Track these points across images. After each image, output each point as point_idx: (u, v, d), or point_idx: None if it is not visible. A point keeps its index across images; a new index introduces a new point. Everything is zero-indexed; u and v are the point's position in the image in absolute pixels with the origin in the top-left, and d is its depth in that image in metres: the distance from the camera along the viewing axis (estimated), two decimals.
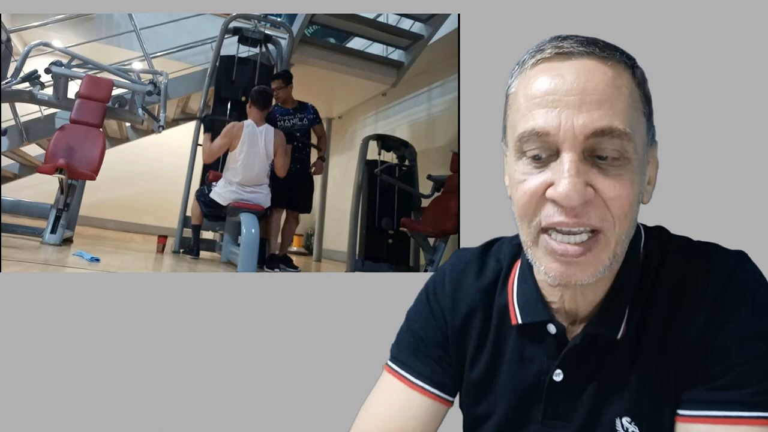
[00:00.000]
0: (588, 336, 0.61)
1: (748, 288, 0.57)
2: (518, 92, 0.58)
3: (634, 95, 0.56)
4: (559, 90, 0.54)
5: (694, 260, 0.60)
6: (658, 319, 0.59)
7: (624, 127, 0.53)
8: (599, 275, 0.56)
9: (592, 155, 0.54)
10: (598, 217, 0.53)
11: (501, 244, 0.74)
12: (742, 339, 0.55)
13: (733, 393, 0.54)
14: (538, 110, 0.54)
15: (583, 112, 0.53)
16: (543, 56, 0.57)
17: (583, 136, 0.52)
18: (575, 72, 0.54)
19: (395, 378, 0.73)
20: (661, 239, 0.64)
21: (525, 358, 0.66)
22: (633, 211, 0.55)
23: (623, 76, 0.55)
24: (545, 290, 0.64)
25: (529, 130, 0.54)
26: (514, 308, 0.67)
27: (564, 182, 0.52)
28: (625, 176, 0.54)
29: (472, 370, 0.70)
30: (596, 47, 0.56)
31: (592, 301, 0.61)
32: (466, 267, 0.73)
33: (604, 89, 0.54)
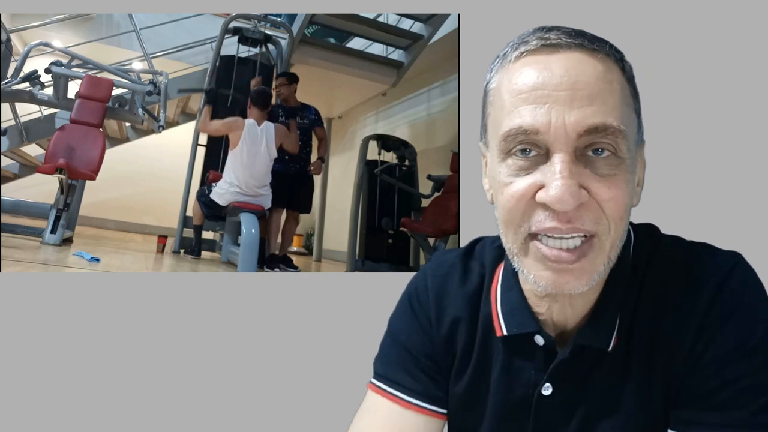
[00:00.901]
0: (577, 348, 0.57)
1: (742, 296, 0.53)
2: (501, 87, 0.53)
3: (624, 91, 0.52)
4: (548, 84, 0.50)
5: (684, 264, 0.56)
6: (645, 329, 0.56)
7: (618, 124, 0.49)
8: (592, 283, 0.52)
9: (583, 154, 0.50)
10: (592, 221, 0.50)
11: (483, 245, 0.69)
12: (736, 354, 0.51)
13: (731, 414, 0.50)
14: (525, 106, 0.50)
15: (575, 108, 0.49)
16: (528, 48, 0.52)
17: (575, 134, 0.49)
18: (564, 65, 0.50)
19: (385, 398, 0.66)
20: (650, 239, 0.59)
21: (512, 370, 0.61)
22: (627, 213, 0.52)
23: (613, 70, 0.52)
24: (531, 300, 0.60)
25: (515, 127, 0.50)
26: (499, 319, 0.62)
27: (556, 184, 0.48)
28: (620, 176, 0.50)
29: (458, 383, 0.65)
30: (584, 39, 0.52)
31: (581, 311, 0.57)
32: (449, 272, 0.68)
33: (596, 83, 0.50)
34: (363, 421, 0.67)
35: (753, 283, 0.54)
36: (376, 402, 0.67)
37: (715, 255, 0.56)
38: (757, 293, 0.54)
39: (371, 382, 0.69)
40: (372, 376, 0.70)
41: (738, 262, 0.55)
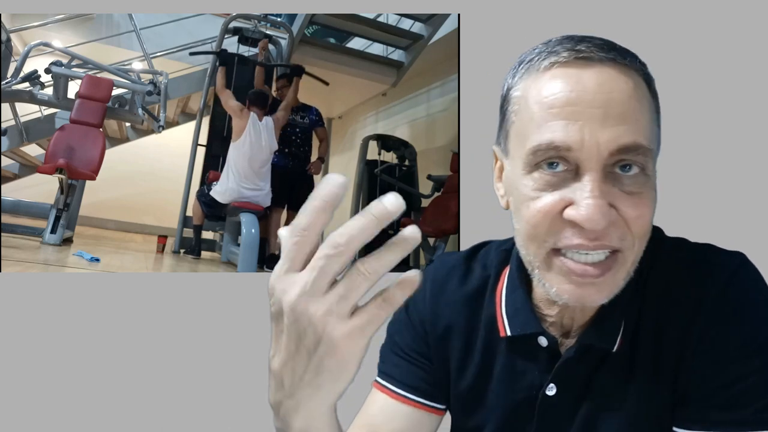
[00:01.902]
0: (582, 348, 0.57)
1: (747, 295, 0.53)
2: (528, 97, 0.52)
3: (651, 107, 0.52)
4: (582, 101, 0.49)
5: (688, 264, 0.56)
6: (649, 330, 0.56)
7: (648, 144, 0.49)
8: (612, 296, 0.52)
9: (612, 171, 0.50)
10: (618, 238, 0.50)
11: (489, 249, 0.69)
12: (741, 352, 0.52)
13: (734, 413, 0.51)
14: (557, 121, 0.49)
15: (608, 126, 0.48)
16: (558, 60, 0.51)
17: (607, 152, 0.48)
18: (597, 81, 0.50)
19: (381, 392, 0.68)
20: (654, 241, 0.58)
21: (516, 371, 0.62)
22: (650, 229, 0.52)
23: (642, 87, 0.52)
24: (542, 304, 0.60)
25: (546, 142, 0.49)
26: (503, 319, 0.62)
27: (587, 203, 0.48)
28: (645, 194, 0.50)
29: (459, 382, 0.66)
30: (616, 53, 0.51)
31: (587, 314, 0.58)
32: (450, 273, 0.68)
33: (628, 101, 0.49)
34: (362, 416, 0.69)
35: (758, 282, 0.55)
36: (375, 395, 0.69)
37: (719, 255, 0.56)
38: (762, 292, 0.54)
39: (374, 380, 0.71)
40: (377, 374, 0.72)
41: (742, 262, 0.55)
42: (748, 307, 0.53)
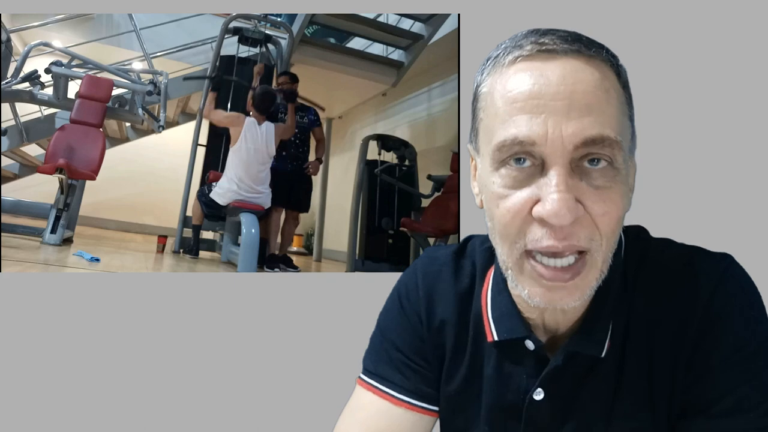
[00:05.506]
0: (569, 355, 0.56)
1: (736, 299, 0.53)
2: (494, 92, 0.52)
3: (620, 98, 0.51)
4: (544, 93, 0.48)
5: (675, 268, 0.55)
6: (640, 336, 0.55)
7: (615, 135, 0.48)
8: (584, 298, 0.52)
9: (579, 165, 0.49)
10: (586, 237, 0.49)
11: (473, 244, 0.68)
12: (734, 359, 0.51)
13: (739, 418, 0.50)
14: (521, 116, 0.48)
15: (572, 119, 0.47)
16: (522, 53, 0.50)
17: (572, 145, 0.47)
18: (561, 73, 0.49)
19: (374, 394, 0.66)
20: (639, 242, 0.59)
21: (504, 374, 0.61)
22: (620, 226, 0.51)
23: (609, 77, 0.50)
24: (522, 306, 0.59)
25: (510, 138, 0.48)
26: (489, 323, 0.61)
27: (552, 198, 0.47)
28: (614, 188, 0.49)
29: (450, 382, 0.65)
30: (581, 44, 0.50)
31: (573, 317, 0.57)
32: (441, 269, 0.67)
33: (593, 93, 0.48)
34: (353, 417, 0.67)
35: (746, 285, 0.54)
36: (366, 398, 0.66)
37: (706, 258, 0.56)
38: (751, 294, 0.54)
39: (360, 378, 0.68)
40: (361, 371, 0.69)
41: (730, 264, 0.55)
42: (739, 312, 0.52)
